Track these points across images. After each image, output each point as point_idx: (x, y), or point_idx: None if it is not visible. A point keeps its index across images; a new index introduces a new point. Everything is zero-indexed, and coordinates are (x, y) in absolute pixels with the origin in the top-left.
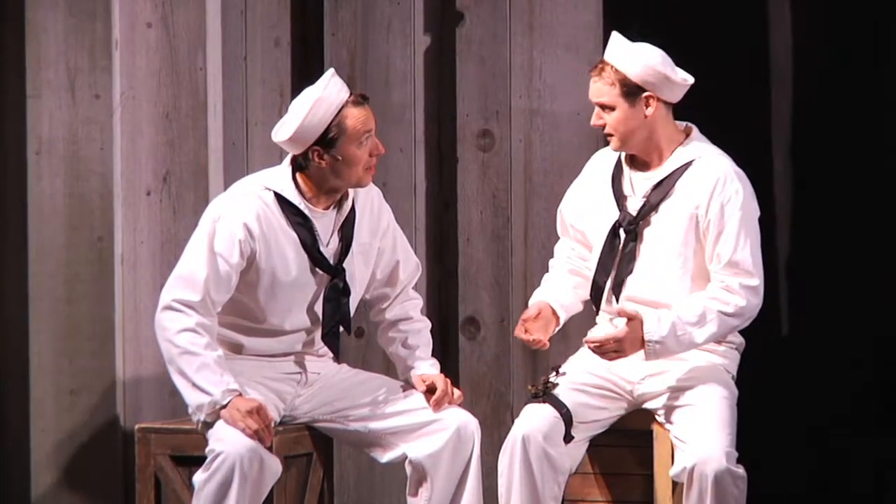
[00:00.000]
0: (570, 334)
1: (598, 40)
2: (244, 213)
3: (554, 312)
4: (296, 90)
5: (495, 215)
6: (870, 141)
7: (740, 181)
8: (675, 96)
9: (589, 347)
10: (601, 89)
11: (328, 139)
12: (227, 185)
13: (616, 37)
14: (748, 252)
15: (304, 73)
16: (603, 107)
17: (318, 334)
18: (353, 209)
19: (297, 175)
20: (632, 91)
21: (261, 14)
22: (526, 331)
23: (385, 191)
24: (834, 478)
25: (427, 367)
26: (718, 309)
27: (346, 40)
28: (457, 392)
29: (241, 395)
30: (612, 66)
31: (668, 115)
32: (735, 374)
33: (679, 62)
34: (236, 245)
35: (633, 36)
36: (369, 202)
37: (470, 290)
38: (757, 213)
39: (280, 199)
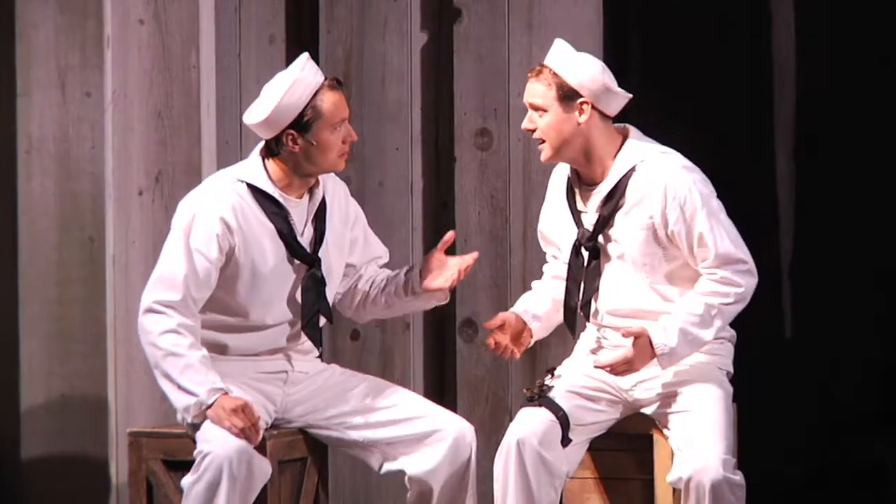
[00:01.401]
0: (569, 337)
1: (598, 38)
2: (220, 207)
3: (524, 323)
4: None
5: (493, 215)
6: (875, 139)
7: (689, 173)
8: (613, 108)
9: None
10: (536, 90)
11: (303, 122)
12: None
13: (559, 43)
14: (728, 242)
15: None
16: (536, 108)
17: (296, 331)
18: (323, 198)
19: (269, 163)
20: (567, 95)
21: (255, 11)
22: (496, 342)
23: (382, 190)
24: (836, 480)
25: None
26: (720, 302)
27: (341, 38)
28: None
29: (226, 393)
30: (550, 70)
31: (606, 126)
32: (731, 368)
33: (679, 58)
34: (214, 240)
35: (633, 32)
36: (337, 193)
37: (468, 291)
38: (714, 193)
39: (253, 189)
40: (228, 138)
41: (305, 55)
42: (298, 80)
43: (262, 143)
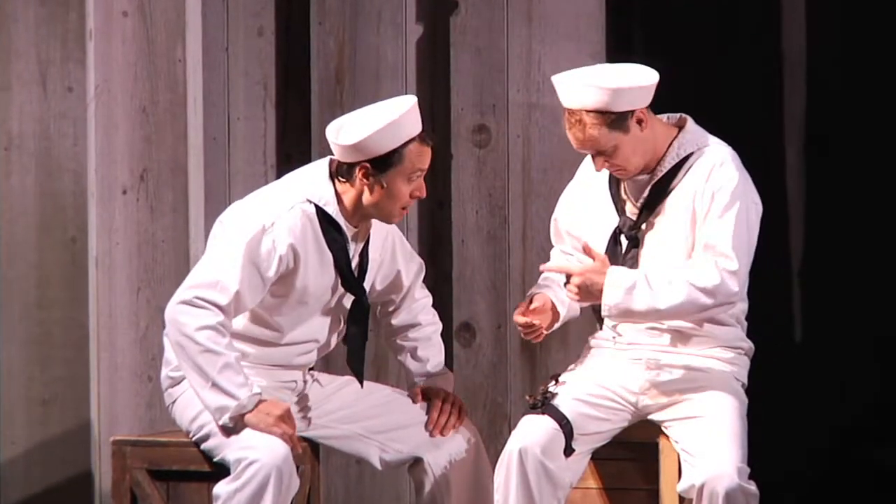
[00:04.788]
0: (570, 341)
1: (600, 30)
2: (289, 228)
3: (554, 307)
4: (280, 82)
5: (492, 215)
6: (888, 138)
7: (737, 169)
8: (651, 97)
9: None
10: (591, 138)
11: (383, 163)
12: (207, 183)
13: (562, 78)
14: (729, 235)
15: (290, 65)
16: (604, 151)
17: (322, 349)
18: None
19: (339, 186)
20: (618, 119)
21: (243, 2)
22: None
23: None
24: (850, 487)
25: (436, 382)
26: (688, 279)
27: (333, 30)
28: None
29: (262, 399)
30: (584, 110)
31: (654, 116)
32: (745, 381)
33: (684, 51)
34: (276, 261)
35: (636, 24)
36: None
37: (465, 294)
38: (755, 205)
39: (320, 213)
40: (216, 135)
41: (414, 101)
42: (397, 124)
43: (328, 159)
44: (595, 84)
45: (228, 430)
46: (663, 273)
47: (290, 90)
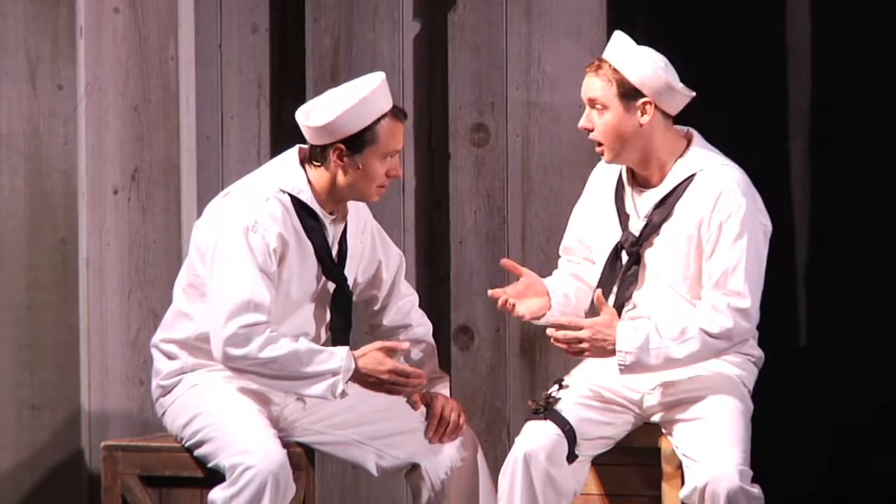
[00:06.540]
0: None
1: (600, 27)
2: (273, 220)
3: (547, 293)
4: (274, 80)
5: (490, 216)
6: (893, 139)
7: (744, 195)
8: (675, 107)
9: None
10: (596, 84)
11: (357, 142)
12: (199, 183)
13: (619, 35)
14: (741, 272)
15: (284, 62)
16: (594, 104)
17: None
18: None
19: (310, 172)
20: (629, 93)
21: None
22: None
23: None
24: (856, 493)
25: (433, 386)
26: (701, 327)
27: (329, 26)
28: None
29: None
30: (609, 64)
31: (668, 126)
32: (751, 388)
33: (687, 49)
34: (272, 255)
35: (637, 21)
36: (353, 204)
37: (463, 296)
38: (764, 228)
39: (295, 202)
40: (209, 133)
41: (382, 76)
42: (368, 100)
43: (297, 148)
44: (636, 53)
45: (227, 430)
46: (674, 322)
47: (285, 88)
